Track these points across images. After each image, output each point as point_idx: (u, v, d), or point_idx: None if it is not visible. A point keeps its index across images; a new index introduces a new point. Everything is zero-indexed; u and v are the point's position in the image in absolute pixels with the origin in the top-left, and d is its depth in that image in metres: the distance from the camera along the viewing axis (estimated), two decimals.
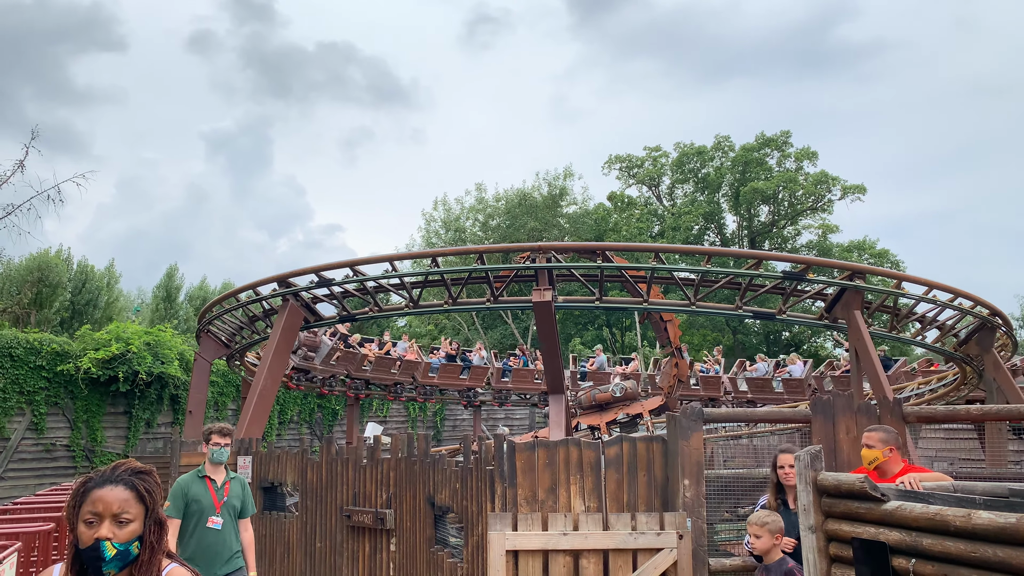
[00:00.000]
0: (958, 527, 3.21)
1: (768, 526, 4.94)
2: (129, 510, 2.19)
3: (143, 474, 2.28)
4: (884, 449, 4.94)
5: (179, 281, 39.02)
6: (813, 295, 12.57)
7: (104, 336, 20.55)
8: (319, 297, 13.45)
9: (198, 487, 5.90)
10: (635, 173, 52.77)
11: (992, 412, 7.03)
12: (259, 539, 10.29)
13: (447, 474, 7.43)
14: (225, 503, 5.93)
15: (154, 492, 2.27)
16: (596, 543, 6.16)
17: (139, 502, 2.22)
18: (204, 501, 5.84)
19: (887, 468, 4.93)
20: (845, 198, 47.83)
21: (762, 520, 4.96)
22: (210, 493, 5.91)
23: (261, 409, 12.55)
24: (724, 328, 47.60)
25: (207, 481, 5.97)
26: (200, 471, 6.03)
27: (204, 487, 5.92)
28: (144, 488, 2.24)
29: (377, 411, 28.78)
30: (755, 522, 4.98)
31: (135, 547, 2.21)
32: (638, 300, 12.60)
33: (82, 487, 2.23)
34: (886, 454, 4.94)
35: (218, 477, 6.05)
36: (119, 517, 2.17)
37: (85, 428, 20.44)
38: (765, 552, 4.94)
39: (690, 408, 6.50)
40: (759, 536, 4.93)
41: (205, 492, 5.88)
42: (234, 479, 6.13)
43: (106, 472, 2.26)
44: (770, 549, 4.93)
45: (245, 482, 6.27)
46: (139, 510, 2.22)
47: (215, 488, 5.96)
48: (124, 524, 2.17)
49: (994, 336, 13.63)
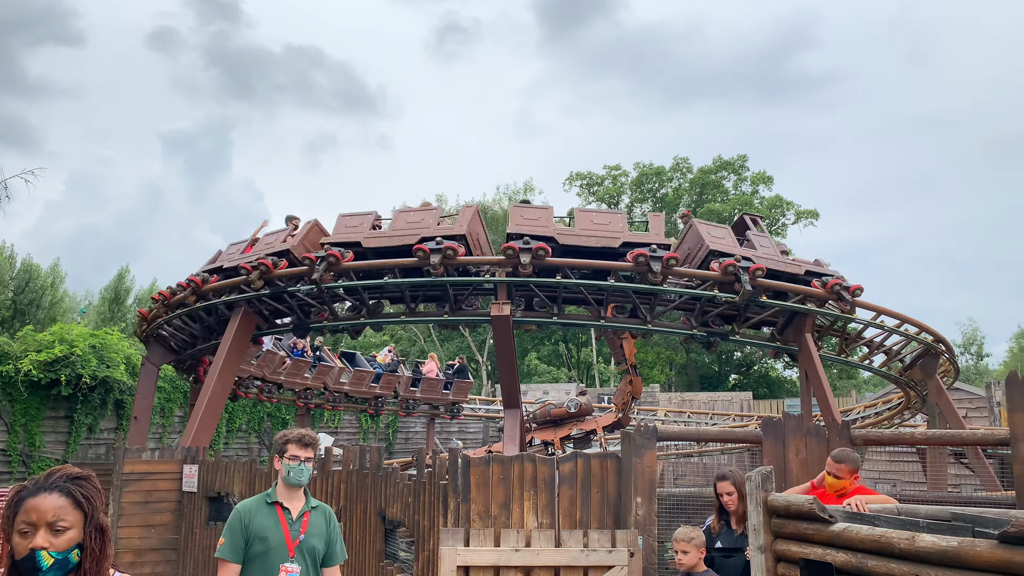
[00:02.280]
0: (902, 549, 3.28)
1: (694, 541, 5.14)
2: (65, 518, 2.12)
3: (80, 479, 2.20)
4: (851, 479, 5.03)
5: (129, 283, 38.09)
6: (765, 317, 12.80)
7: (47, 337, 19.92)
8: (272, 304, 13.24)
9: (265, 518, 4.14)
10: (595, 191, 53.36)
11: (935, 437, 7.24)
12: (203, 550, 10.05)
13: (399, 488, 7.36)
14: (302, 543, 4.16)
15: (92, 498, 2.19)
16: (548, 560, 6.15)
17: (76, 509, 2.15)
18: (273, 539, 4.10)
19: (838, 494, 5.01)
20: (799, 222, 49.03)
21: (688, 536, 5.16)
22: (282, 528, 4.15)
23: (210, 417, 12.28)
24: (677, 347, 48.18)
25: (278, 511, 4.21)
26: (269, 495, 4.26)
27: (274, 519, 4.16)
28: (81, 494, 2.17)
29: (328, 422, 28.38)
30: (681, 538, 5.17)
31: (75, 555, 2.15)
32: (595, 317, 12.68)
33: (16, 496, 2.16)
34: (852, 483, 5.03)
35: (294, 506, 4.25)
36: (55, 525, 2.10)
37: (23, 432, 19.73)
38: (692, 567, 5.11)
39: (644, 426, 6.55)
40: (687, 552, 5.11)
41: (275, 527, 4.14)
42: (316, 509, 4.34)
43: (40, 480, 2.19)
44: (696, 563, 5.11)
45: (332, 514, 4.44)
46: (77, 517, 2.15)
47: (289, 522, 4.18)
48: (61, 532, 2.10)
49: (937, 362, 14.04)
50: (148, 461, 10.73)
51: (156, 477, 10.64)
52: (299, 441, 4.31)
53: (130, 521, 10.38)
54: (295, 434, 4.37)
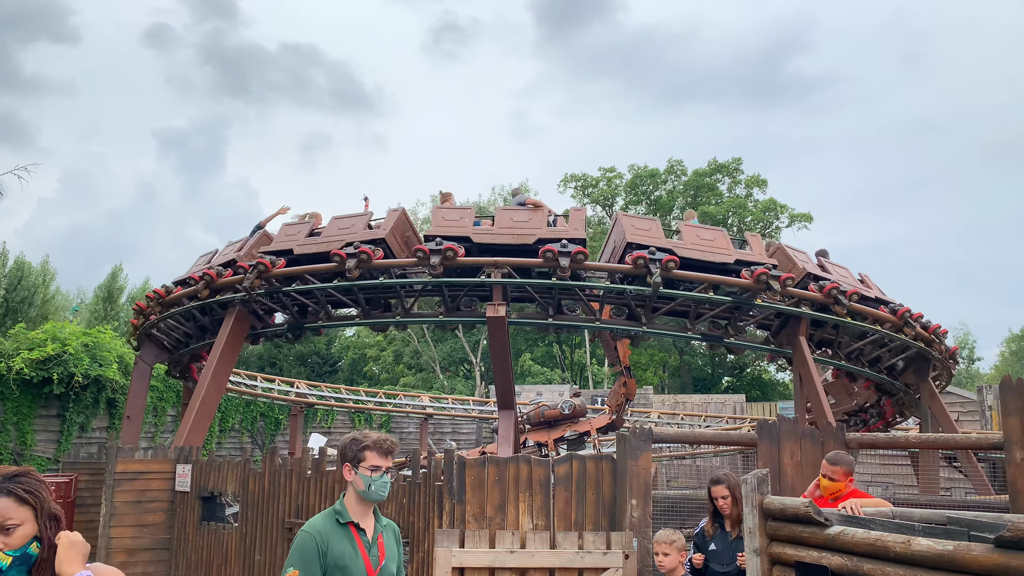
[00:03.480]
0: (898, 553, 3.30)
1: (675, 543, 5.22)
2: (12, 516, 2.17)
3: (17, 477, 2.25)
4: (847, 481, 5.05)
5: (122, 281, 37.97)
6: (760, 320, 12.84)
7: (39, 336, 19.83)
8: (267, 304, 13.20)
9: (342, 542, 3.41)
10: (590, 192, 53.39)
11: (929, 440, 7.27)
12: (196, 550, 10.02)
13: (393, 488, 7.35)
14: (382, 571, 3.51)
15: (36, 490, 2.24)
16: (543, 561, 6.15)
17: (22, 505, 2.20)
18: (354, 568, 3.39)
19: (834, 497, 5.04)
20: (792, 226, 49.15)
21: (669, 539, 5.19)
22: (360, 555, 3.43)
23: (203, 416, 12.23)
24: (671, 349, 48.27)
25: (354, 533, 3.48)
26: (340, 514, 3.51)
27: (351, 543, 3.43)
28: (23, 490, 2.22)
29: (322, 422, 28.35)
30: (663, 540, 5.19)
31: (34, 547, 2.21)
32: (590, 319, 12.70)
33: None
34: (848, 485, 5.06)
35: (368, 525, 3.55)
36: (3, 526, 2.16)
37: (14, 431, 19.63)
38: (672, 569, 5.13)
39: (639, 428, 6.56)
40: (667, 554, 5.14)
41: (354, 553, 3.41)
42: (387, 528, 3.69)
43: None
44: (676, 567, 5.17)
45: (399, 532, 3.83)
46: (25, 513, 2.20)
47: (366, 546, 3.48)
48: (11, 531, 2.16)
49: (930, 366, 14.09)
50: (141, 460, 10.68)
51: (149, 476, 10.60)
52: (379, 447, 3.55)
53: (122, 521, 10.33)
54: (373, 438, 3.60)
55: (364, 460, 3.52)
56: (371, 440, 3.59)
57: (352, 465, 3.55)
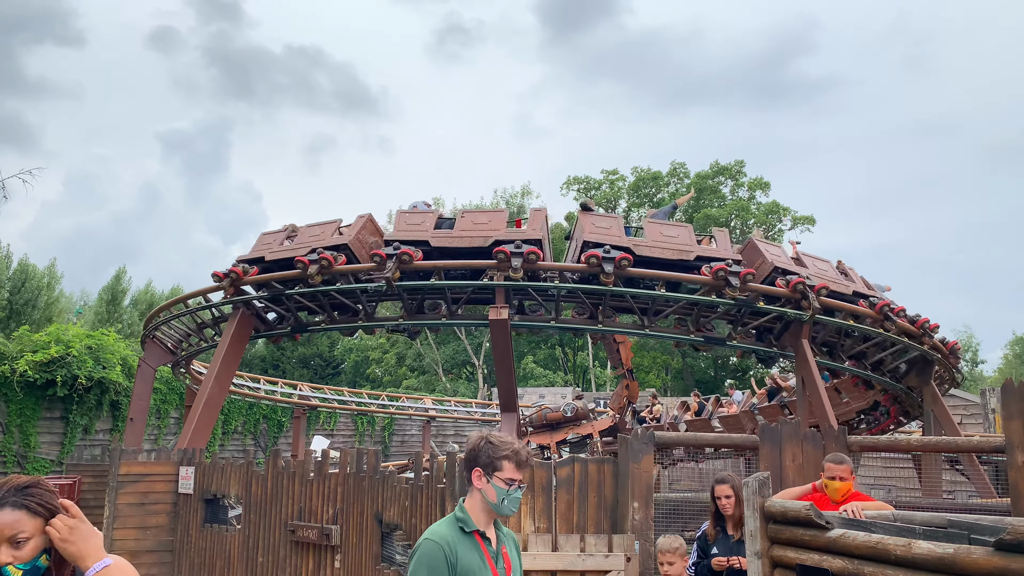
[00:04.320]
0: (899, 556, 3.30)
1: (679, 551, 5.16)
2: (23, 529, 2.13)
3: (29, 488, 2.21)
4: (852, 479, 5.07)
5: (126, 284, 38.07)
6: (762, 322, 12.83)
7: (43, 338, 19.88)
8: (271, 306, 13.24)
9: (470, 553, 3.03)
10: (592, 195, 53.38)
11: (932, 443, 7.27)
12: (199, 552, 10.04)
13: (396, 491, 7.36)
14: None
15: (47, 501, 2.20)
16: (545, 564, 6.16)
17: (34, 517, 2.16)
18: None
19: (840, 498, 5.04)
20: (795, 228, 49.11)
21: (672, 547, 5.16)
22: (488, 566, 3.06)
23: (207, 419, 12.27)
24: (674, 352, 48.23)
25: (480, 542, 3.11)
26: (464, 522, 3.10)
27: (479, 554, 3.07)
28: (35, 503, 2.18)
29: (324, 424, 28.37)
30: (667, 549, 5.16)
31: (44, 559, 2.19)
32: (593, 321, 12.70)
33: None
34: (855, 485, 5.07)
35: (492, 534, 3.19)
36: (14, 539, 2.12)
37: (18, 433, 19.68)
38: None
39: (641, 431, 6.57)
40: (672, 563, 5.10)
41: (482, 564, 3.04)
42: (508, 537, 3.30)
43: None
44: (682, 573, 5.14)
45: (519, 542, 3.61)
46: (36, 525, 2.16)
47: (492, 556, 3.11)
48: (22, 544, 2.12)
49: (933, 368, 14.08)
50: (144, 463, 10.71)
51: (152, 479, 10.63)
52: (518, 459, 3.12)
53: (126, 523, 10.36)
54: (513, 448, 3.15)
55: (500, 470, 3.09)
56: (511, 449, 3.13)
57: (485, 472, 3.11)
